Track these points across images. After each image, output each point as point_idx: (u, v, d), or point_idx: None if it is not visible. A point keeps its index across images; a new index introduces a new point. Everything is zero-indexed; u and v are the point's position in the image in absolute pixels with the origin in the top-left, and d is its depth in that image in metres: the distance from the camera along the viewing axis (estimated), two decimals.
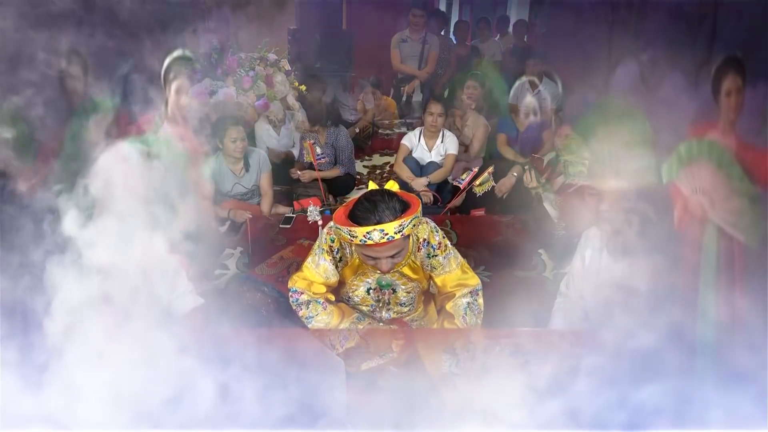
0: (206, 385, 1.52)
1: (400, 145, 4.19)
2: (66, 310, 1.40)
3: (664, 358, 1.60)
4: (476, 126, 4.39)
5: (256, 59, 4.44)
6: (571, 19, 4.50)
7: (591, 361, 1.61)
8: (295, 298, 2.06)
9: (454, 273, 2.06)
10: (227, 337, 1.77)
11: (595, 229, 2.07)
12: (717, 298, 1.84)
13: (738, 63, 1.92)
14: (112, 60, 2.33)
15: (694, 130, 1.98)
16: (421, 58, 5.71)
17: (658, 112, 2.05)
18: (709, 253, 1.91)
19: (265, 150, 4.21)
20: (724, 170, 1.88)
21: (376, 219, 1.73)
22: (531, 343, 1.85)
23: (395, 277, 2.05)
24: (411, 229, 1.76)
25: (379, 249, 1.77)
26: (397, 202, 1.78)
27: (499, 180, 3.75)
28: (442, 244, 2.03)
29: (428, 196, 3.90)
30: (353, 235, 1.73)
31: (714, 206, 1.88)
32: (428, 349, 1.86)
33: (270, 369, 1.58)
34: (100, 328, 1.44)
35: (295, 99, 4.65)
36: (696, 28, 2.02)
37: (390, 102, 5.96)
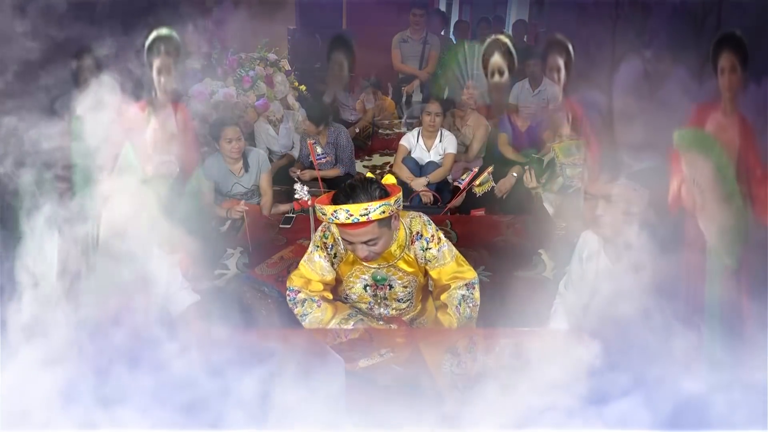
0: (206, 385, 1.51)
1: (399, 145, 4.19)
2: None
3: (664, 357, 1.60)
4: (476, 126, 4.39)
5: (256, 59, 4.44)
6: (572, 18, 4.50)
7: (591, 362, 1.61)
8: (291, 296, 2.07)
9: (449, 265, 2.06)
10: (227, 336, 1.77)
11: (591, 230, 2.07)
12: (721, 300, 1.83)
13: (734, 40, 1.88)
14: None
15: (697, 112, 1.95)
16: (422, 58, 5.71)
17: (662, 109, 2.04)
18: (714, 256, 1.89)
19: (265, 150, 4.22)
20: (720, 172, 1.85)
21: (350, 201, 1.77)
22: (531, 343, 1.84)
23: (390, 272, 2.05)
24: (379, 215, 1.76)
25: (352, 233, 1.81)
26: (378, 190, 1.81)
27: (499, 180, 3.75)
28: (435, 237, 2.04)
29: (428, 196, 3.90)
30: (323, 212, 1.79)
31: (704, 208, 1.86)
32: (430, 348, 1.86)
33: (270, 369, 1.58)
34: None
35: (295, 99, 4.65)
36: (700, 25, 2.01)
37: (390, 102, 5.97)
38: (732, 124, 1.89)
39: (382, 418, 1.55)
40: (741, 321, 1.69)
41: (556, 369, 1.62)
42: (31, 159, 1.47)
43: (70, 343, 1.42)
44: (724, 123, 1.90)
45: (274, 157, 4.42)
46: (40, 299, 1.40)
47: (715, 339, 1.73)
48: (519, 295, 2.41)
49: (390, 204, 1.79)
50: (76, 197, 1.46)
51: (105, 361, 1.45)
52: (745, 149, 1.85)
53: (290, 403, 1.52)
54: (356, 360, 1.83)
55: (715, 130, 1.91)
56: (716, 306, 1.79)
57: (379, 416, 1.57)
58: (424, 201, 3.89)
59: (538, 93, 4.87)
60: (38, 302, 1.41)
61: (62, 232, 1.44)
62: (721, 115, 1.92)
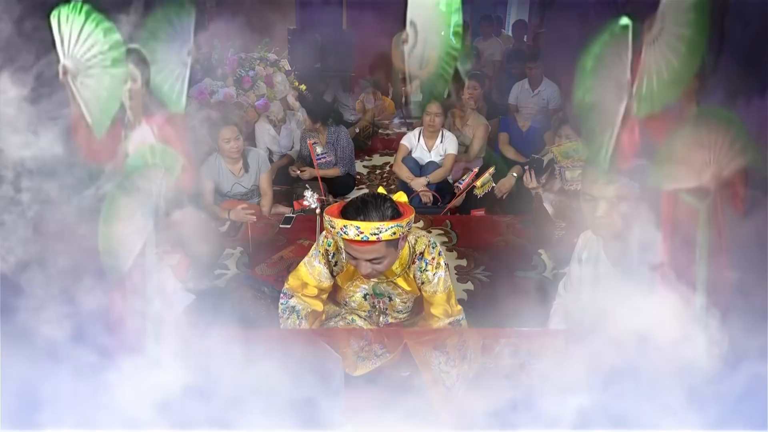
0: (205, 385, 1.52)
1: (400, 145, 4.19)
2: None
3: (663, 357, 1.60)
4: (476, 126, 4.39)
5: (256, 59, 4.44)
6: (573, 19, 4.50)
7: (590, 362, 1.61)
8: (284, 300, 2.05)
9: (439, 295, 2.01)
10: (226, 336, 1.77)
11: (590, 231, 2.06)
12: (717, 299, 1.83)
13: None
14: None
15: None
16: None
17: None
18: (702, 249, 1.88)
19: (265, 150, 4.22)
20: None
21: (361, 217, 1.73)
22: (531, 343, 1.84)
23: (390, 287, 2.05)
24: (389, 236, 1.71)
25: (358, 249, 1.76)
26: (390, 209, 1.76)
27: (499, 180, 3.75)
28: (435, 261, 1.99)
29: (428, 196, 3.90)
30: (333, 225, 1.74)
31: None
32: (418, 345, 1.86)
33: (269, 368, 1.58)
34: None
35: (295, 99, 4.65)
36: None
37: (390, 102, 5.97)
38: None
39: (381, 418, 1.56)
40: (738, 322, 1.69)
41: (555, 369, 1.62)
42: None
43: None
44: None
45: (275, 158, 4.43)
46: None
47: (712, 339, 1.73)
48: (519, 295, 2.41)
49: (402, 226, 1.74)
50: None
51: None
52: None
53: (290, 402, 1.52)
54: (354, 364, 1.83)
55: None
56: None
57: (378, 416, 1.57)
58: (424, 201, 3.89)
59: (538, 93, 4.87)
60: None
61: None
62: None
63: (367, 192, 1.85)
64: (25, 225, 1.36)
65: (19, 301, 1.39)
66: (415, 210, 1.89)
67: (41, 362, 1.39)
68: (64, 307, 1.40)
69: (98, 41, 1.35)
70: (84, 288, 1.42)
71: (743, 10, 2.08)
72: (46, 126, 1.37)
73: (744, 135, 1.23)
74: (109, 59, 1.37)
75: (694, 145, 1.27)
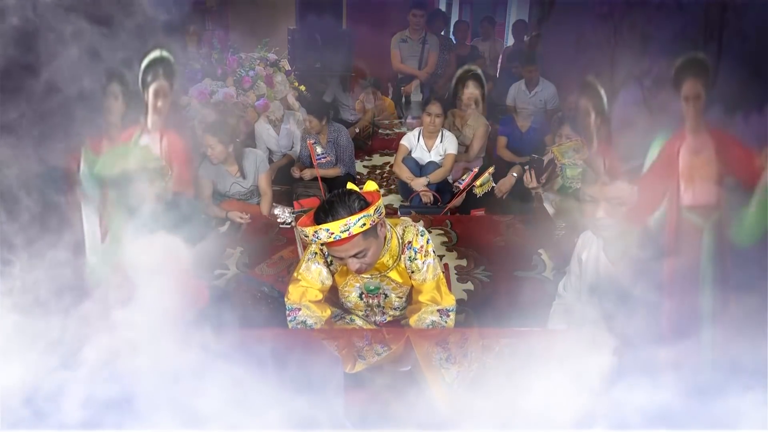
0: (205, 385, 1.52)
1: (400, 145, 4.19)
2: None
3: (663, 358, 1.60)
4: (476, 125, 4.39)
5: (256, 59, 4.44)
6: (573, 21, 4.49)
7: (590, 362, 1.61)
8: (291, 317, 2.02)
9: (428, 283, 2.00)
10: (226, 336, 1.77)
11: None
12: (715, 299, 1.83)
13: (700, 66, 1.85)
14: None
15: (667, 147, 1.91)
16: (421, 58, 5.71)
17: (663, 126, 2.01)
18: (707, 255, 1.88)
19: (265, 150, 4.21)
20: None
21: (330, 218, 1.73)
22: (531, 343, 1.85)
23: (384, 282, 2.04)
24: (360, 228, 1.73)
25: (338, 249, 1.78)
26: (356, 201, 1.77)
27: (499, 180, 3.75)
28: (424, 249, 1.99)
29: (428, 196, 3.90)
30: (305, 234, 1.76)
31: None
32: (420, 340, 1.86)
33: (269, 368, 1.58)
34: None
35: (295, 99, 4.65)
36: (701, 52, 1.99)
37: (389, 102, 5.97)
38: (704, 141, 1.86)
39: (381, 418, 1.56)
40: (740, 322, 1.69)
41: (555, 369, 1.62)
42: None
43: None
44: (695, 144, 1.87)
45: (275, 158, 4.43)
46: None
47: (713, 340, 1.73)
48: (519, 295, 2.41)
49: (369, 215, 1.75)
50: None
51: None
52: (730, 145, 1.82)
53: (290, 402, 1.52)
54: (353, 361, 1.83)
55: (690, 156, 1.88)
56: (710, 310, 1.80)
57: (378, 416, 1.57)
58: (424, 201, 3.89)
59: (535, 94, 4.88)
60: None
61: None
62: (691, 139, 1.88)
63: (334, 191, 1.85)
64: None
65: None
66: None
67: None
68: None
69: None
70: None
71: (741, 24, 2.08)
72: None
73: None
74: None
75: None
